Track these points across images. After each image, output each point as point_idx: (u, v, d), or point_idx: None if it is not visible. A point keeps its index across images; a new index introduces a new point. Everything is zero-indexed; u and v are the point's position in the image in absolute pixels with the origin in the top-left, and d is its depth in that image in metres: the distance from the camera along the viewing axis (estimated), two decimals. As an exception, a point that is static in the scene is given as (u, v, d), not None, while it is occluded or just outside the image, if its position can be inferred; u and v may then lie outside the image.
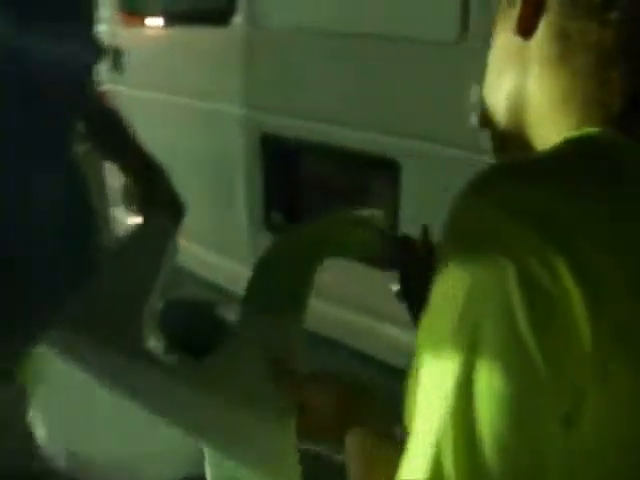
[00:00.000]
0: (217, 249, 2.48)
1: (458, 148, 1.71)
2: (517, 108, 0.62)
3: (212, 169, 2.30)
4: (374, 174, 2.03)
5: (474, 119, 1.63)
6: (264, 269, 0.89)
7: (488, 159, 1.67)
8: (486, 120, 0.66)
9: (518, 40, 0.59)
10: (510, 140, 0.63)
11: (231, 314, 2.71)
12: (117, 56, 2.52)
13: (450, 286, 0.48)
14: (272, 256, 0.91)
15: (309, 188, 2.24)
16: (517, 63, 0.61)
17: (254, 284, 0.87)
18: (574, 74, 0.57)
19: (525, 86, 0.61)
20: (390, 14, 1.68)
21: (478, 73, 1.76)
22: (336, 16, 1.88)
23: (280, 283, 0.87)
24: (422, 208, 1.79)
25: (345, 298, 2.00)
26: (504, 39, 0.62)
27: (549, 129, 0.58)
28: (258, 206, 2.29)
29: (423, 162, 1.79)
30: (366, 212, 1.01)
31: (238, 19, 2.19)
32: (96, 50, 1.06)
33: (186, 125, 2.32)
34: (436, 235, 0.83)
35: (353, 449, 0.76)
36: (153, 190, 1.15)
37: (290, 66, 2.04)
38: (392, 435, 0.72)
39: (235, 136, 2.22)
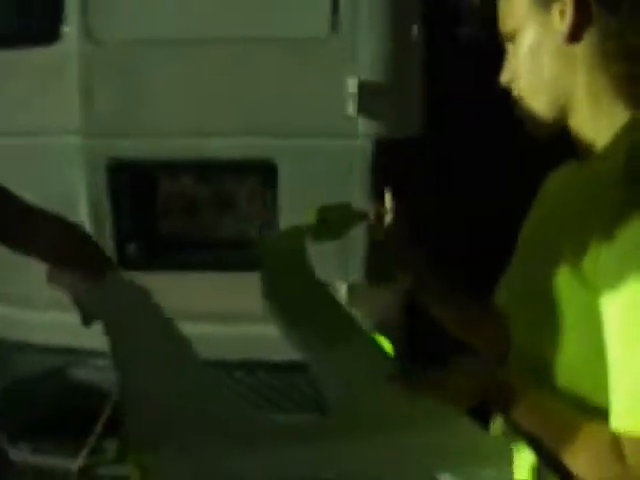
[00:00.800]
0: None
1: (336, 137, 1.81)
2: (564, 100, 0.84)
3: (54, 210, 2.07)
4: (245, 181, 2.01)
5: (352, 108, 1.76)
6: None
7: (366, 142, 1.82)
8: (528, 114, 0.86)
9: (561, 44, 0.81)
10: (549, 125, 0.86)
11: (83, 372, 2.42)
12: None
13: None
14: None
15: (168, 212, 2.12)
16: (563, 65, 0.82)
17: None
18: (616, 73, 0.80)
19: (574, 83, 0.82)
20: (252, 15, 1.69)
21: (350, 66, 1.91)
22: (180, 23, 1.81)
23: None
24: (302, 204, 1.85)
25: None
26: (542, 42, 0.83)
27: (599, 115, 0.83)
28: (109, 241, 2.12)
29: (301, 158, 1.84)
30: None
31: (69, 34, 1.95)
32: None
33: (17, 166, 2.04)
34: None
35: (537, 415, 0.80)
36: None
37: (133, 82, 1.89)
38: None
39: (76, 169, 2.03)
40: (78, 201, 2.08)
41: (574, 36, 0.80)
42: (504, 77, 0.88)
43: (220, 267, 1.98)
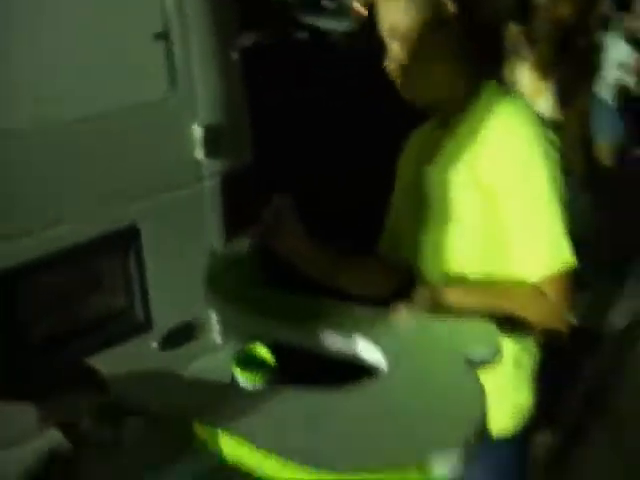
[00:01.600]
0: None
1: (188, 184, 1.90)
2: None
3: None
4: (101, 256, 1.93)
5: (199, 152, 1.86)
6: None
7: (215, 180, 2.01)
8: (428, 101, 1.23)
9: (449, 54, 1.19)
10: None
11: None
12: None
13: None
14: None
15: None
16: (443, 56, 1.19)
17: None
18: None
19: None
20: (92, 93, 1.67)
21: (191, 116, 2.02)
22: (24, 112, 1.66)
23: None
24: (166, 257, 1.90)
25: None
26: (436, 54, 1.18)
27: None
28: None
29: (160, 214, 1.89)
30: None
31: None
32: None
33: None
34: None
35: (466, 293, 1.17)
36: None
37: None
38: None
39: None
40: None
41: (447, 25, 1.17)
42: (390, 65, 1.20)
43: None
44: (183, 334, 2.13)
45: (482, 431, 0.86)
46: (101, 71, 1.68)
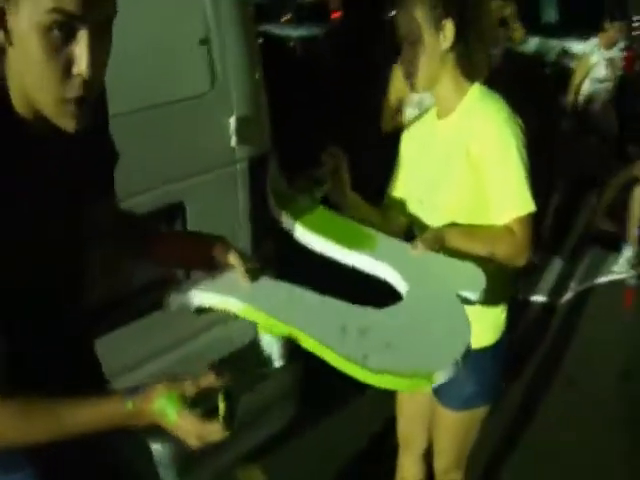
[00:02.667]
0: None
1: (224, 166, 2.23)
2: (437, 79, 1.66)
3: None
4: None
5: (234, 140, 2.21)
6: None
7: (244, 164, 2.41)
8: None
9: (442, 50, 1.61)
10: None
11: None
12: None
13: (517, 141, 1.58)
14: None
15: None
16: (441, 62, 1.63)
17: None
18: (463, 66, 1.66)
19: (445, 70, 1.64)
20: (146, 89, 1.98)
21: (227, 109, 2.40)
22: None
23: None
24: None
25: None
26: (433, 47, 1.60)
27: (455, 88, 1.67)
28: None
29: (203, 192, 2.22)
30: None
31: None
32: None
33: None
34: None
35: (462, 234, 1.58)
36: None
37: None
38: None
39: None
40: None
41: (449, 49, 1.61)
42: (402, 64, 1.64)
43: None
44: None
45: (468, 351, 1.14)
46: (155, 70, 2.01)
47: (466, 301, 1.31)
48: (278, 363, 2.81)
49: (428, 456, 2.16)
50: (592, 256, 4.84)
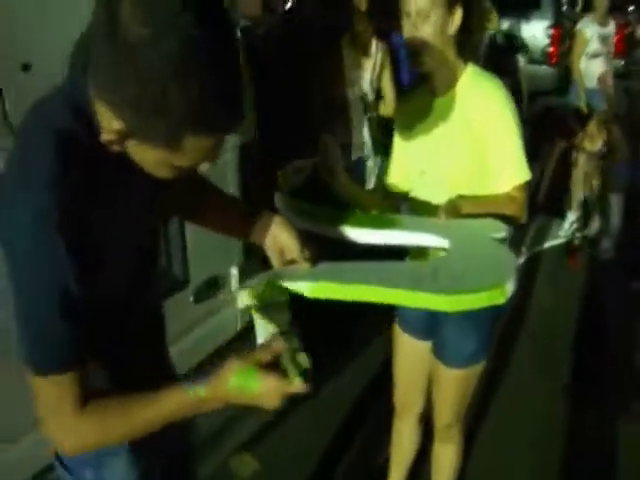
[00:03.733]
0: None
1: None
2: (441, 56, 1.79)
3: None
4: None
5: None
6: None
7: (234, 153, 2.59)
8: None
9: (449, 32, 1.76)
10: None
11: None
12: None
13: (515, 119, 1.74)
14: None
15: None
16: (446, 40, 1.77)
17: None
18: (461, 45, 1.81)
19: (447, 49, 1.78)
20: None
21: None
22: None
23: None
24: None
25: None
26: (442, 27, 1.74)
27: (454, 65, 1.81)
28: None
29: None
30: None
31: None
32: None
33: None
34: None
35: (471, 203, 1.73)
36: None
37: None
38: None
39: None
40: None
41: (457, 30, 1.74)
42: (408, 34, 1.71)
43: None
44: (211, 289, 2.58)
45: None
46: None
47: (497, 241, 1.50)
48: None
49: (422, 421, 2.30)
50: (539, 223, 5.17)
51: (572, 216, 5.05)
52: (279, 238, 1.33)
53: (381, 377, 2.28)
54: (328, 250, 1.37)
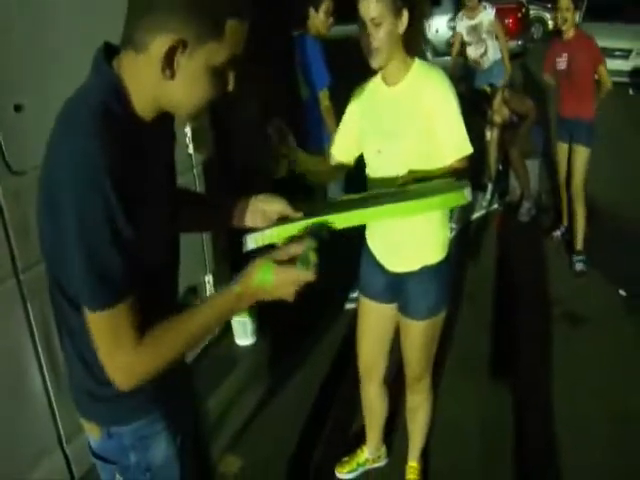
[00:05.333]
0: None
1: (184, 173, 2.64)
2: (394, 53, 2.09)
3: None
4: None
5: (190, 147, 2.63)
6: None
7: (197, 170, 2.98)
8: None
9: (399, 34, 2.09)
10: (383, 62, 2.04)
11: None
12: None
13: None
14: None
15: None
16: (396, 40, 2.08)
17: None
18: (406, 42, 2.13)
19: (398, 45, 2.09)
20: None
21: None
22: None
23: None
24: None
25: None
26: (392, 31, 2.04)
27: (403, 59, 2.07)
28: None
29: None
30: None
31: None
32: None
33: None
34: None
35: None
36: None
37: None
38: None
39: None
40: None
41: (404, 29, 2.01)
42: (365, 44, 1.97)
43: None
44: (190, 296, 2.82)
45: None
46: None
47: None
48: (251, 340, 3.18)
49: (385, 382, 2.51)
50: None
51: (491, 186, 5.57)
52: (267, 209, 1.45)
53: (346, 356, 2.52)
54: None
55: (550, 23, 14.36)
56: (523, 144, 5.34)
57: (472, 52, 5.90)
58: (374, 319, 2.41)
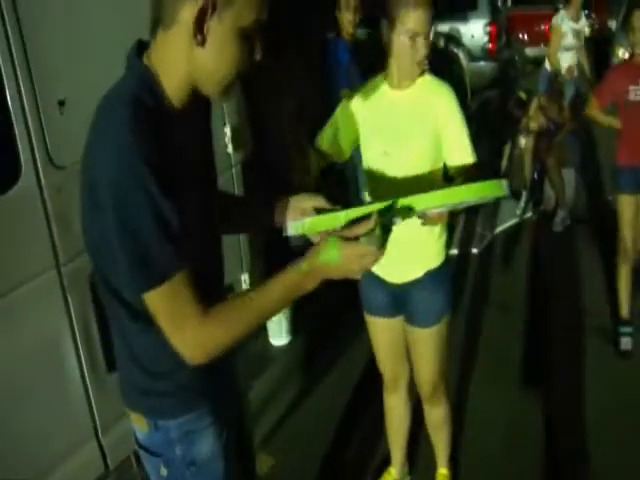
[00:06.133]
0: None
1: (223, 172, 2.67)
2: None
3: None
4: None
5: (230, 147, 2.67)
6: None
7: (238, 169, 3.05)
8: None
9: None
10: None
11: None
12: None
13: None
14: None
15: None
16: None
17: None
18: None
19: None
20: None
21: (223, 119, 2.92)
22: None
23: None
24: None
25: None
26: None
27: None
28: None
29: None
30: None
31: (26, 172, 1.98)
32: None
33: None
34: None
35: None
36: None
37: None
38: None
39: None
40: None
41: None
42: (420, 56, 2.02)
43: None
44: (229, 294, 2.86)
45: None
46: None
47: None
48: (285, 339, 3.19)
49: (410, 391, 2.49)
50: (497, 206, 5.54)
51: (526, 195, 5.50)
52: (305, 207, 1.45)
53: (369, 368, 2.51)
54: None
55: (587, 30, 14.15)
56: (559, 153, 5.28)
57: (568, 59, 5.74)
58: (385, 335, 2.41)
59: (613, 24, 11.72)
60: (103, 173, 1.07)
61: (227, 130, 2.64)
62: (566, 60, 5.79)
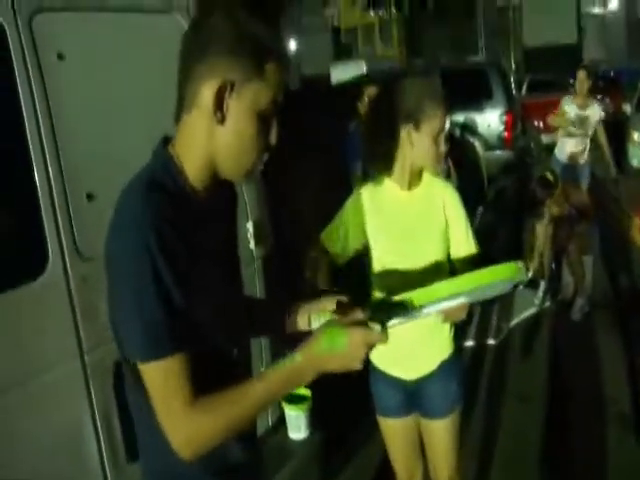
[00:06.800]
0: None
1: (246, 266, 2.73)
2: None
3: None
4: None
5: (252, 242, 2.76)
6: None
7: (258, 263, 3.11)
8: None
9: None
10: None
11: None
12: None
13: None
14: None
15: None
16: None
17: None
18: None
19: None
20: None
21: (246, 214, 3.02)
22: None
23: None
24: None
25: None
26: None
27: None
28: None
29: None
30: None
31: (54, 262, 2.03)
32: None
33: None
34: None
35: None
36: None
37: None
38: None
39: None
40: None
41: None
42: (442, 152, 2.14)
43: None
44: None
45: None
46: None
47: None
48: (304, 433, 3.19)
49: None
50: (514, 295, 5.41)
51: (545, 284, 5.45)
52: (317, 309, 1.47)
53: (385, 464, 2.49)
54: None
55: (602, 115, 14.08)
56: (581, 240, 5.29)
57: (572, 146, 5.79)
58: (399, 435, 2.41)
59: (627, 108, 12.04)
60: (114, 245, 1.13)
61: (249, 225, 2.71)
62: (570, 146, 5.84)
